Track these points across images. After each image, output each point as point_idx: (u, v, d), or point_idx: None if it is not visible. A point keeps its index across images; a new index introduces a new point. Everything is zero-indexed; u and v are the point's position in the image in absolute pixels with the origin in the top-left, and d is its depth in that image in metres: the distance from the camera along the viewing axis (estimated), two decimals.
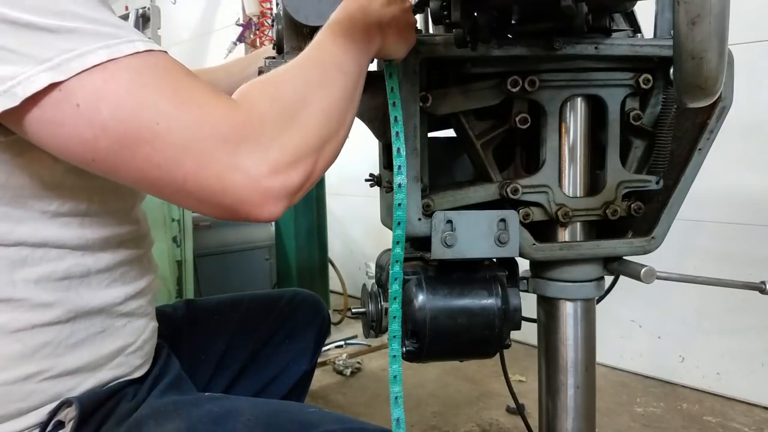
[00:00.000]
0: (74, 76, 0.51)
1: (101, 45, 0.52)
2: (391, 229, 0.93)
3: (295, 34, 0.83)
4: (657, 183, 0.91)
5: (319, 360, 2.31)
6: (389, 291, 0.75)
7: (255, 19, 3.58)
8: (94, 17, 0.53)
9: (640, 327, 2.16)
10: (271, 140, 0.57)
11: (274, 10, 1.08)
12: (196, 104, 0.55)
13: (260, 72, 0.83)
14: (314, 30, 0.81)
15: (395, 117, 0.76)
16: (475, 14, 0.78)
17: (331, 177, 2.82)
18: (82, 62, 0.51)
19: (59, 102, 0.51)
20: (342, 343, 2.52)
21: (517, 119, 0.87)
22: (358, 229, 3.23)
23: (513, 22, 0.88)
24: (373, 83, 0.79)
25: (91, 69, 0.51)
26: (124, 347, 0.72)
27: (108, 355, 0.70)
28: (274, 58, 0.84)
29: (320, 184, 2.59)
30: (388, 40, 0.73)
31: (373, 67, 0.82)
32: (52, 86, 0.50)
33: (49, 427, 0.63)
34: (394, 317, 0.71)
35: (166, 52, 0.58)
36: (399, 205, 0.75)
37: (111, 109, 0.51)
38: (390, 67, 0.77)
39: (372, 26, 0.71)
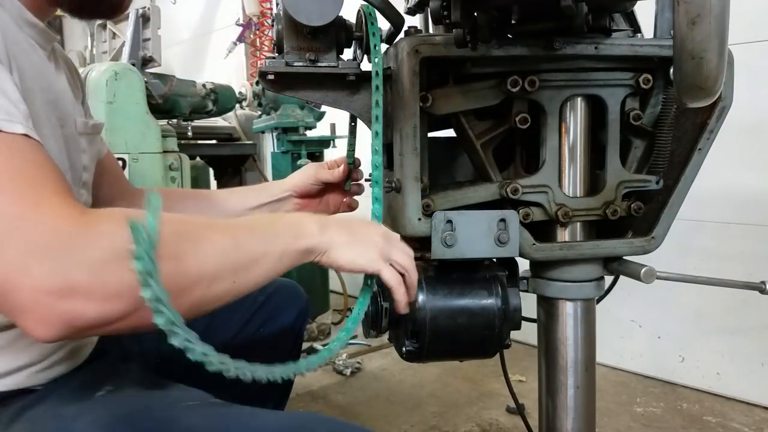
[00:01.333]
0: None
1: None
2: (390, 228, 0.93)
3: (295, 34, 0.82)
4: (657, 183, 0.91)
5: None
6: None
7: (255, 19, 3.59)
8: None
9: (640, 327, 2.16)
10: (89, 262, 0.50)
11: (274, 10, 1.08)
12: (30, 198, 0.51)
13: (260, 71, 0.83)
14: (314, 30, 0.81)
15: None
16: (475, 14, 0.78)
17: None
18: None
19: None
20: None
21: (517, 119, 0.87)
22: None
23: (513, 22, 0.88)
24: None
25: None
26: (24, 366, 0.69)
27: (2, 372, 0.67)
28: (274, 57, 0.84)
29: None
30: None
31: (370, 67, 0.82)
32: None
33: None
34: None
35: (41, 144, 0.57)
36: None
37: None
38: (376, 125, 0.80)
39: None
